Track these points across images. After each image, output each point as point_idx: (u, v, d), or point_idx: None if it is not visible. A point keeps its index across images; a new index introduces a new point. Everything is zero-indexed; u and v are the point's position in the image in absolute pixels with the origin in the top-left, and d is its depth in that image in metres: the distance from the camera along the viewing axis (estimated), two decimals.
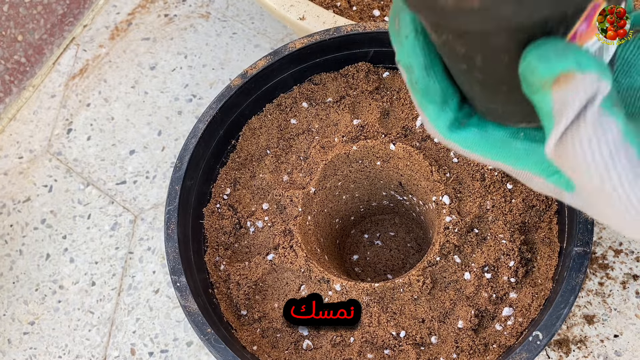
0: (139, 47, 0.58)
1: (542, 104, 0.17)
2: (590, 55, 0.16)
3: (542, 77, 0.16)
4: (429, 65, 0.20)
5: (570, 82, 0.16)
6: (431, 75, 0.21)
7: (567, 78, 0.16)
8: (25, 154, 0.54)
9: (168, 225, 0.34)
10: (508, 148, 0.20)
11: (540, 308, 0.32)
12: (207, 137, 0.37)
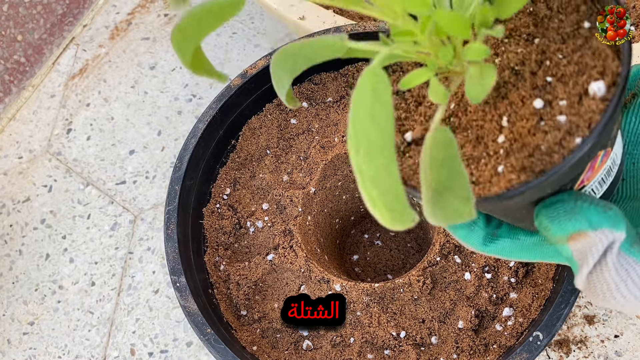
0: (139, 47, 0.58)
1: (561, 251, 0.17)
2: (601, 210, 0.17)
3: (556, 236, 0.17)
4: None
5: (584, 239, 0.16)
6: None
7: (581, 236, 0.16)
8: (24, 154, 0.54)
9: (168, 225, 0.34)
10: (540, 250, 0.21)
11: (540, 308, 0.32)
12: (207, 137, 0.37)
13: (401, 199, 0.14)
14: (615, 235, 0.16)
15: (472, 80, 0.14)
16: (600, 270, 0.17)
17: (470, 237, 0.21)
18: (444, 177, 0.14)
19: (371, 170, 0.13)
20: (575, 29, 0.16)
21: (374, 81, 0.14)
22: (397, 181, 0.14)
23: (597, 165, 0.17)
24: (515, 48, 0.17)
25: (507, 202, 0.17)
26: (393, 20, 0.14)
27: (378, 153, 0.13)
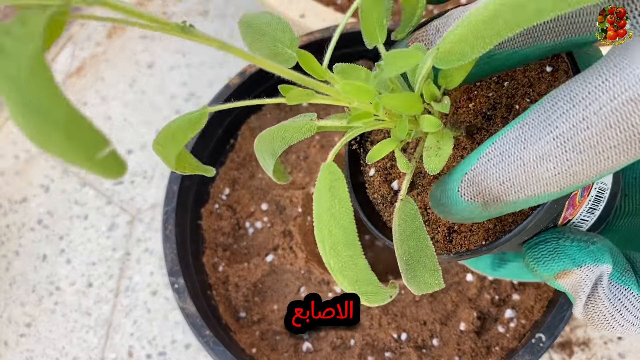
0: (137, 46, 0.58)
1: (553, 286, 0.18)
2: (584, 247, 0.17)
3: (544, 276, 0.17)
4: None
5: (570, 276, 0.17)
6: None
7: (567, 274, 0.17)
8: (21, 154, 0.54)
9: (166, 226, 0.33)
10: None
11: (543, 310, 0.31)
12: (206, 137, 0.36)
13: (372, 284, 0.15)
14: (602, 269, 0.17)
15: (429, 152, 0.15)
16: (594, 301, 0.17)
17: (478, 263, 0.22)
18: (413, 249, 0.15)
19: (338, 264, 0.15)
20: (539, 72, 0.17)
21: (330, 179, 0.15)
22: (365, 269, 0.15)
23: (578, 201, 0.18)
24: (487, 92, 0.18)
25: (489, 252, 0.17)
26: (349, 104, 0.15)
27: (342, 248, 0.15)
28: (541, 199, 0.15)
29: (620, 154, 0.13)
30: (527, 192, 0.15)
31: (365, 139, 0.21)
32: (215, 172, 0.19)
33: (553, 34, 0.15)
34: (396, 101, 0.15)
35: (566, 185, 0.14)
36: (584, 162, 0.14)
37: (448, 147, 0.15)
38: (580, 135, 0.13)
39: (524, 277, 0.22)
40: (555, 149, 0.14)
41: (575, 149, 0.14)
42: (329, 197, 0.15)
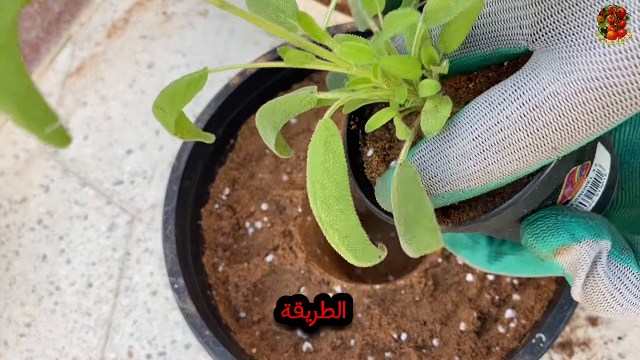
0: (137, 46, 0.58)
1: (552, 266, 0.18)
2: (583, 222, 0.17)
3: (542, 252, 0.17)
4: None
5: (570, 252, 0.17)
6: None
7: (566, 250, 0.17)
8: (21, 154, 0.54)
9: (166, 226, 0.33)
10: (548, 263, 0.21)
11: (543, 310, 0.31)
12: None
13: (362, 240, 0.15)
14: (601, 245, 0.17)
15: (427, 114, 0.15)
16: (593, 280, 0.17)
17: (474, 256, 0.22)
18: (412, 210, 0.15)
19: (329, 217, 0.15)
20: None
21: (326, 134, 0.15)
22: (356, 225, 0.15)
23: (577, 179, 0.18)
24: (487, 72, 0.18)
25: (488, 224, 0.17)
26: (347, 70, 0.15)
27: (334, 202, 0.15)
28: (465, 194, 0.16)
29: (529, 155, 0.14)
30: (452, 187, 0.16)
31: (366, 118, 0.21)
32: (215, 139, 0.19)
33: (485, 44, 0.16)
34: (395, 63, 0.15)
35: (485, 182, 0.15)
36: (499, 161, 0.15)
37: (446, 110, 0.15)
38: (495, 137, 0.15)
39: (521, 271, 0.22)
40: (475, 148, 0.15)
41: (491, 148, 0.15)
42: (324, 152, 0.15)
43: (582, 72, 0.13)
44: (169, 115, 0.16)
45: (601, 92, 0.13)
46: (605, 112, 0.13)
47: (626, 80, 0.13)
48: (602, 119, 0.14)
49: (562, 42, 0.14)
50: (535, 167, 0.15)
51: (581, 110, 0.14)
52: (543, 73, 0.14)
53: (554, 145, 0.14)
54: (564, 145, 0.14)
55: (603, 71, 0.13)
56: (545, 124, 0.14)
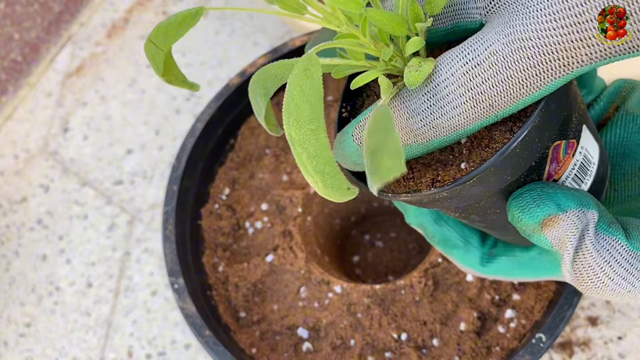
0: (137, 45, 0.58)
1: (540, 243, 0.17)
2: (568, 193, 0.17)
3: (529, 226, 0.17)
4: (437, 217, 0.22)
5: (556, 223, 0.17)
6: (443, 225, 0.22)
7: (552, 221, 0.17)
8: (21, 154, 0.54)
9: (166, 226, 0.33)
10: (543, 263, 0.20)
11: (543, 310, 0.31)
12: (206, 137, 0.36)
13: (330, 163, 0.15)
14: (588, 215, 0.16)
15: (410, 68, 0.16)
16: (582, 255, 0.16)
17: (467, 257, 0.22)
18: (380, 140, 0.15)
19: (300, 136, 0.15)
20: None
21: (307, 63, 0.15)
22: (326, 146, 0.15)
23: (562, 157, 0.18)
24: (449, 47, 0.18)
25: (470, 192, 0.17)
26: (337, 27, 0.16)
27: (306, 121, 0.15)
28: (413, 149, 0.17)
29: (469, 111, 0.15)
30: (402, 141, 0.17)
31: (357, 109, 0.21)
32: (199, 88, 0.19)
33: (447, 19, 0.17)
34: (382, 17, 0.16)
35: (430, 137, 0.16)
36: (443, 116, 0.16)
37: (429, 66, 0.16)
38: (440, 93, 0.16)
39: (515, 274, 0.21)
40: (423, 104, 0.16)
41: (436, 104, 0.16)
42: (303, 76, 0.15)
43: (518, 33, 0.14)
44: (160, 51, 0.17)
45: (533, 51, 0.14)
46: (536, 70, 0.14)
47: (553, 41, 0.14)
48: (534, 77, 0.14)
49: (507, 10, 0.15)
50: (476, 126, 0.16)
51: (515, 67, 0.14)
52: (487, 36, 0.15)
53: (490, 103, 0.15)
54: (500, 104, 0.15)
55: (535, 32, 0.14)
56: (484, 80, 0.15)
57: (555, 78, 0.14)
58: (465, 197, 0.17)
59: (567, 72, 0.14)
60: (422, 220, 0.22)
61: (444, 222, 0.22)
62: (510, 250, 0.21)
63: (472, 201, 0.18)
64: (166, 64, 0.17)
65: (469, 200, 0.18)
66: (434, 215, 0.22)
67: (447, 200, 0.18)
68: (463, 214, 0.20)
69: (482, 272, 0.22)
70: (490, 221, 0.20)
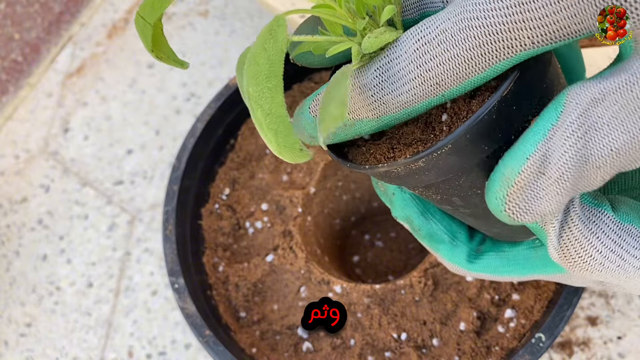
0: (137, 46, 0.58)
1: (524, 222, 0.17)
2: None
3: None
4: (424, 210, 0.22)
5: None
6: (430, 219, 0.21)
7: None
8: (21, 154, 0.54)
9: (166, 226, 0.33)
10: (532, 259, 0.20)
11: (543, 310, 0.31)
12: (206, 137, 0.36)
13: (284, 122, 0.15)
14: None
15: (371, 35, 0.16)
16: (568, 229, 0.16)
17: (454, 254, 0.21)
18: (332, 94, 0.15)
19: (256, 92, 0.15)
20: None
21: (273, 24, 0.16)
22: (281, 105, 0.15)
23: None
24: None
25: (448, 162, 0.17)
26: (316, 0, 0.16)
27: (264, 79, 0.15)
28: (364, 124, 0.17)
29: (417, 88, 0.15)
30: (353, 115, 0.17)
31: None
32: (189, 66, 0.19)
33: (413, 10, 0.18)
34: None
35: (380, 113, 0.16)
36: (392, 92, 0.16)
37: (390, 36, 0.16)
38: (392, 69, 0.16)
39: (504, 271, 0.21)
40: (375, 79, 0.16)
41: (388, 80, 0.16)
42: (267, 35, 0.15)
43: (467, 12, 0.14)
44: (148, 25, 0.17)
45: (478, 31, 0.14)
46: (482, 50, 0.14)
47: (498, 21, 0.14)
48: (479, 57, 0.15)
49: None
50: (423, 104, 0.16)
51: (462, 46, 0.15)
52: (440, 15, 0.15)
53: (438, 81, 0.15)
54: (448, 82, 0.15)
55: (482, 12, 0.14)
56: (432, 58, 0.15)
57: (499, 60, 0.14)
58: (442, 169, 0.17)
59: (511, 54, 0.14)
60: (409, 212, 0.21)
61: (431, 215, 0.21)
62: (498, 246, 0.21)
63: (451, 175, 0.17)
64: (155, 39, 0.17)
65: (447, 173, 0.17)
66: (420, 208, 0.21)
67: (425, 172, 0.17)
68: (445, 197, 0.19)
69: (469, 270, 0.21)
70: (473, 205, 0.19)
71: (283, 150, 0.15)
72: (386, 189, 0.22)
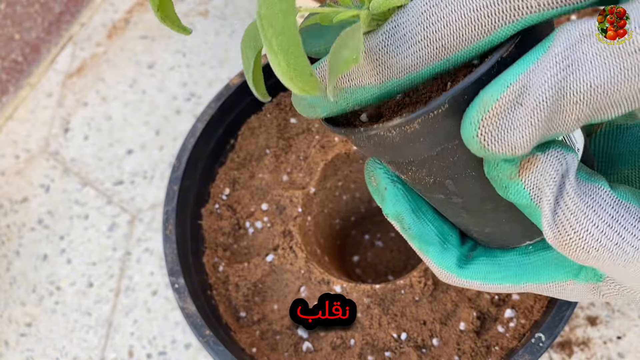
0: (137, 46, 0.58)
1: (518, 198, 0.16)
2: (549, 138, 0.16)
3: (505, 170, 0.16)
4: (416, 208, 0.21)
5: (534, 165, 0.15)
6: (421, 217, 0.21)
7: (530, 162, 0.15)
8: (22, 154, 0.54)
9: (166, 226, 0.33)
10: (524, 266, 0.19)
11: (542, 310, 0.31)
12: (206, 137, 0.36)
13: (296, 44, 0.15)
14: (568, 158, 0.15)
15: None
16: (564, 203, 0.15)
17: (444, 257, 0.20)
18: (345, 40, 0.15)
19: (269, 13, 0.15)
20: None
21: None
22: (294, 26, 0.15)
23: None
24: None
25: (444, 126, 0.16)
26: None
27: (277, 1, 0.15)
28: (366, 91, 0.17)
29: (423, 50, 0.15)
30: (355, 82, 0.17)
31: None
32: (191, 32, 0.19)
33: None
34: None
35: (385, 78, 0.16)
36: (398, 55, 0.16)
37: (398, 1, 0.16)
38: (400, 32, 0.16)
39: (495, 278, 0.20)
40: (381, 42, 0.16)
41: (394, 43, 0.16)
42: None
43: None
44: None
45: None
46: (487, 12, 0.14)
47: None
48: (485, 19, 0.14)
49: None
50: (428, 70, 0.16)
51: (468, 7, 0.14)
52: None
53: (443, 43, 0.15)
54: (452, 45, 0.15)
55: None
56: (438, 19, 0.15)
57: (505, 22, 0.14)
58: (439, 135, 0.17)
59: (517, 16, 0.14)
60: (400, 209, 0.20)
61: (423, 213, 0.21)
62: (490, 252, 0.20)
63: (447, 144, 0.17)
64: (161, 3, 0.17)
65: (443, 140, 0.17)
66: (412, 205, 0.20)
67: (420, 139, 0.17)
68: (438, 179, 0.18)
69: (458, 275, 0.20)
70: (467, 193, 0.18)
71: (293, 74, 0.15)
72: (378, 184, 0.21)
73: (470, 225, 0.20)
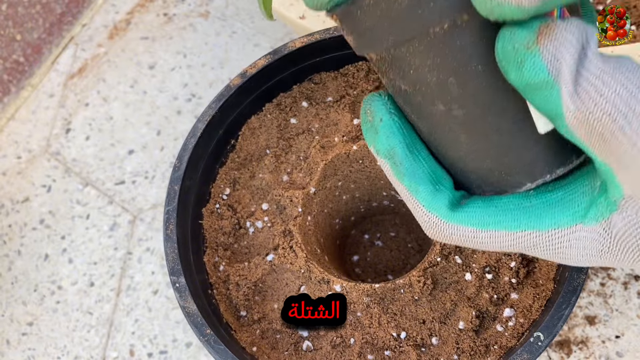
0: (138, 47, 0.58)
1: (534, 74, 0.14)
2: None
3: (524, 38, 0.14)
4: (411, 143, 0.19)
5: (553, 32, 0.14)
6: (415, 154, 0.19)
7: (549, 28, 0.14)
8: (23, 154, 0.54)
9: (167, 225, 0.34)
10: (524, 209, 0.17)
11: (541, 309, 0.32)
12: (207, 137, 0.37)
13: None
14: (588, 30, 0.14)
15: None
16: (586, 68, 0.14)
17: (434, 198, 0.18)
18: None
19: None
20: None
21: None
22: None
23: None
24: None
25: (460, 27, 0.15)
26: None
27: None
28: None
29: None
30: None
31: None
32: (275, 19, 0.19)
33: None
34: None
35: None
36: None
37: None
38: None
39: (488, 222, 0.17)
40: None
41: None
42: None
43: None
44: None
45: None
46: None
47: None
48: None
49: None
50: None
51: None
52: None
53: None
54: None
55: None
56: None
57: None
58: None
59: None
60: (394, 142, 0.18)
61: (417, 150, 0.19)
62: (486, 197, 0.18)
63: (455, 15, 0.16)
64: None
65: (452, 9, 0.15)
66: (407, 140, 0.18)
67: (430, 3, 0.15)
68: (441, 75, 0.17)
69: (448, 219, 0.18)
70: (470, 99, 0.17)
71: None
72: (374, 117, 0.19)
73: (469, 159, 0.18)
